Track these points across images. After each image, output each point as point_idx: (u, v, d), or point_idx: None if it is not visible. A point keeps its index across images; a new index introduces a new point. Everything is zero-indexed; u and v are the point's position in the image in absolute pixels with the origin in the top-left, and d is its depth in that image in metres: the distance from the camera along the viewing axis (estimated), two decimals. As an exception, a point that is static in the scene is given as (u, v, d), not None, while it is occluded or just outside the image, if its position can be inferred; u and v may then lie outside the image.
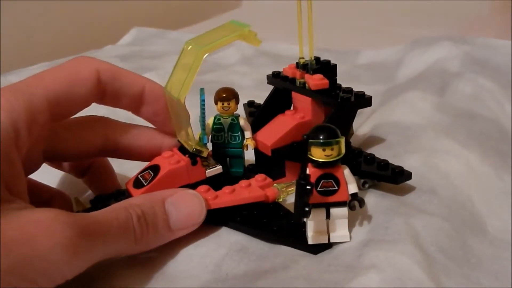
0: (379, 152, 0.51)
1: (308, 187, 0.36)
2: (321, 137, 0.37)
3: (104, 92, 0.41)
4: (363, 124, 0.62)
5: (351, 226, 0.41)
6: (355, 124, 0.49)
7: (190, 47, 0.41)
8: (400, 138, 0.54)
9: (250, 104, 0.59)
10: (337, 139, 0.37)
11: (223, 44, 0.41)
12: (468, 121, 0.59)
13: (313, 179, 0.38)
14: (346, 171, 0.39)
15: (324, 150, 0.37)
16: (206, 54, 0.40)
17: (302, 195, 0.36)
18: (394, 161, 0.46)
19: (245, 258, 0.39)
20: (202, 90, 0.42)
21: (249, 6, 1.65)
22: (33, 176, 0.43)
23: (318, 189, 0.38)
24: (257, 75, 0.88)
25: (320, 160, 0.37)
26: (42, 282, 0.30)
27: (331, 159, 0.37)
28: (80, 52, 1.10)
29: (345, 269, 0.36)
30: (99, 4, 1.41)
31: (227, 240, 0.41)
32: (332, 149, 0.37)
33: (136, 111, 0.44)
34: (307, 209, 0.36)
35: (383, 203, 0.43)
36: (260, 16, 1.31)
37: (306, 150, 0.37)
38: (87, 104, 0.41)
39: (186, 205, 0.39)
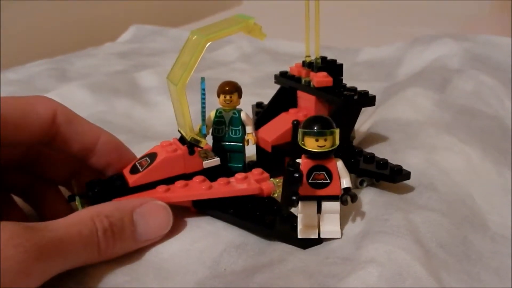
0: (379, 148, 0.51)
1: (296, 174, 0.35)
2: (315, 127, 0.37)
3: (56, 133, 0.41)
4: (365, 120, 0.61)
5: (348, 217, 0.40)
6: (357, 123, 0.49)
7: (195, 36, 0.41)
8: (400, 135, 0.53)
9: (259, 105, 0.59)
10: (331, 130, 0.37)
11: (227, 34, 0.41)
12: (469, 118, 0.58)
13: (304, 170, 0.37)
14: (340, 164, 0.38)
15: (317, 140, 0.37)
16: (209, 43, 0.39)
17: (290, 183, 0.36)
18: (395, 157, 0.46)
19: (243, 254, 0.38)
20: (203, 79, 0.42)
21: (250, 5, 1.65)
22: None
23: (309, 181, 0.38)
24: (257, 73, 0.88)
25: (313, 150, 0.37)
26: None
27: (324, 150, 0.37)
28: (80, 49, 1.10)
29: (343, 261, 0.35)
30: (99, 2, 1.41)
31: (226, 236, 0.40)
32: (325, 140, 0.37)
33: (86, 159, 0.44)
34: (294, 198, 0.36)
35: (382, 198, 0.43)
36: (260, 14, 1.31)
37: (297, 137, 0.36)
38: (36, 138, 0.41)
39: (154, 217, 0.39)
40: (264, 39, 0.43)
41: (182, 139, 0.44)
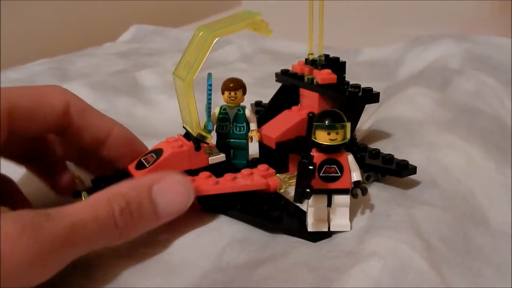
0: (381, 146, 0.51)
1: (310, 167, 0.35)
2: (326, 121, 0.37)
3: (69, 124, 0.41)
4: (366, 120, 0.62)
5: (352, 213, 0.41)
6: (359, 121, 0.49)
7: (201, 32, 0.41)
8: (401, 133, 0.54)
9: (258, 104, 0.59)
10: (342, 123, 0.37)
11: (234, 30, 0.41)
12: (470, 117, 0.59)
13: (316, 163, 0.37)
14: (350, 158, 0.39)
15: (329, 133, 0.37)
16: (217, 39, 0.39)
17: (303, 175, 0.36)
18: (396, 155, 0.46)
19: (246, 248, 0.39)
20: (209, 74, 0.42)
21: (249, 5, 1.65)
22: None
23: (320, 174, 0.38)
24: (257, 73, 0.88)
25: (325, 143, 0.37)
26: None
27: (336, 144, 0.37)
28: (80, 49, 1.10)
29: (346, 255, 0.36)
30: (99, 2, 1.41)
31: (228, 230, 0.41)
32: (337, 133, 0.37)
33: (97, 151, 0.43)
34: (308, 190, 0.36)
35: (385, 193, 0.43)
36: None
37: (311, 130, 0.36)
38: (48, 129, 0.41)
39: (174, 192, 0.38)
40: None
41: (187, 135, 0.44)
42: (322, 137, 0.37)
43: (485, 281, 0.36)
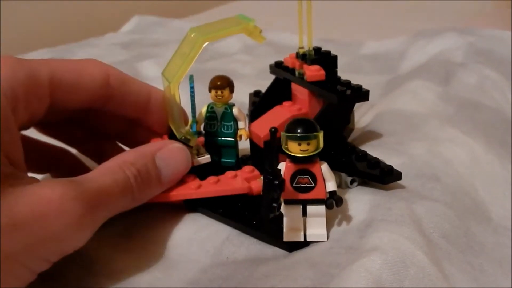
0: (383, 139, 0.50)
1: (276, 182, 0.34)
2: (297, 131, 0.36)
3: (111, 95, 0.41)
4: (366, 112, 0.61)
5: (350, 206, 0.40)
6: (358, 114, 0.48)
7: (193, 34, 0.41)
8: (403, 126, 0.53)
9: (256, 94, 0.58)
10: (314, 134, 0.36)
11: (225, 35, 0.41)
12: (472, 111, 0.58)
13: (288, 174, 0.37)
14: (324, 168, 0.37)
15: (299, 144, 0.36)
16: (206, 43, 0.39)
17: (269, 190, 0.35)
18: (398, 148, 0.45)
19: (245, 242, 0.38)
20: (191, 77, 0.41)
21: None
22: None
23: (293, 185, 0.37)
24: (259, 64, 0.88)
25: (298, 155, 0.36)
26: (54, 258, 0.31)
27: (307, 155, 0.36)
28: (82, 39, 1.09)
29: (347, 250, 0.35)
30: (101, -8, 1.41)
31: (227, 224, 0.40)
32: (308, 144, 0.36)
33: (140, 119, 0.44)
34: (275, 205, 0.35)
35: (386, 187, 0.42)
36: (263, 6, 1.31)
37: (274, 142, 0.35)
38: (90, 100, 0.41)
39: (175, 159, 0.40)
40: (263, 34, 0.42)
41: (172, 136, 0.44)
42: (294, 148, 0.36)
43: (487, 277, 0.36)
